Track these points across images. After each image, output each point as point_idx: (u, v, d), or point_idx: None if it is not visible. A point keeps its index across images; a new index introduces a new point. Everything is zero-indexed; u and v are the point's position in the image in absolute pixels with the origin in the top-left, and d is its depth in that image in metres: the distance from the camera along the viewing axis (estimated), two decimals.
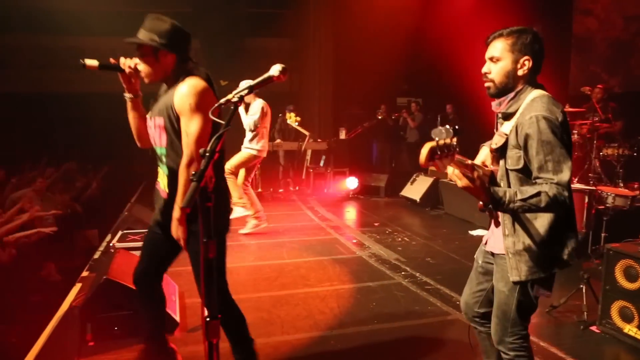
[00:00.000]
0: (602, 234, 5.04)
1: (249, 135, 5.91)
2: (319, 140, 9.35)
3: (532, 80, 2.06)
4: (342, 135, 9.69)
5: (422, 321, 3.70)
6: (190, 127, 2.25)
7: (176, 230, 2.33)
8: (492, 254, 2.23)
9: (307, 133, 8.84)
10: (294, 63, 12.28)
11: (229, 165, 5.79)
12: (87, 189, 9.16)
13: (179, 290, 3.96)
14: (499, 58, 2.04)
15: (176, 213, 2.31)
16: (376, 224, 6.92)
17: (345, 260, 5.17)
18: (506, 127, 2.09)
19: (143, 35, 2.31)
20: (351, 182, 9.02)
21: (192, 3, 11.22)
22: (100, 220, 7.75)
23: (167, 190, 2.43)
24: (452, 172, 1.89)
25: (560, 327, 3.65)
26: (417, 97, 11.65)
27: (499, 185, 2.11)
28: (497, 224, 2.15)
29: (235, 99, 1.62)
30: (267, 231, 6.22)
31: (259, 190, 8.01)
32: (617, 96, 7.15)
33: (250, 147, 5.90)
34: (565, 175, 1.90)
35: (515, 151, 2.00)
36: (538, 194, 1.88)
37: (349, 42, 10.52)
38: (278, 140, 8.97)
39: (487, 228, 2.27)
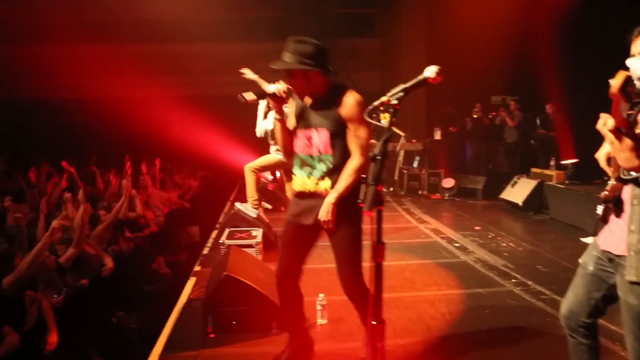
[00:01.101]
0: None
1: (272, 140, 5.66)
2: (413, 140, 9.19)
3: None
4: (437, 135, 9.46)
5: (542, 333, 3.49)
6: (360, 133, 2.59)
7: (326, 214, 2.56)
8: (610, 260, 2.03)
9: (402, 134, 8.72)
10: (385, 62, 12.22)
11: (253, 164, 5.65)
12: (189, 187, 9.69)
13: None
14: None
15: (332, 198, 2.55)
16: (477, 228, 6.67)
17: (449, 265, 5.02)
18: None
19: (290, 59, 2.50)
20: (447, 183, 8.77)
21: (282, 7, 11.51)
22: (199, 218, 8.18)
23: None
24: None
25: None
26: (513, 96, 11.12)
27: None
28: (617, 221, 1.96)
29: (394, 101, 1.60)
30: (367, 232, 6.19)
31: None
32: None
33: (278, 153, 5.61)
34: None
35: None
36: None
37: (442, 40, 10.24)
38: (371, 141, 8.93)
39: (595, 235, 2.06)
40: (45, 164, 8.59)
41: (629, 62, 1.65)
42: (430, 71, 1.75)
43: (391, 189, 9.12)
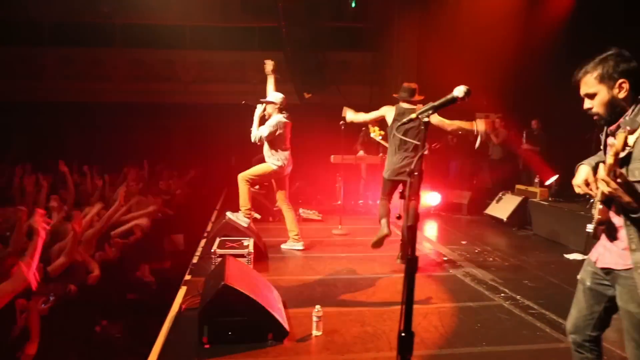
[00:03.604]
0: None
1: (266, 148, 5.77)
2: None
3: (638, 95, 2.05)
4: (425, 150, 9.54)
5: (534, 347, 3.54)
6: None
7: None
8: (607, 273, 2.15)
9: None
10: (376, 76, 12.33)
11: (247, 173, 5.74)
12: (173, 194, 9.58)
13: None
14: (594, 93, 2.07)
15: None
16: (464, 242, 6.76)
17: (440, 278, 5.07)
18: (630, 140, 2.02)
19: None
20: (433, 198, 8.87)
21: (275, 18, 11.57)
22: (183, 226, 8.09)
23: None
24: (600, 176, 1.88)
25: None
26: (496, 113, 11.33)
27: None
28: (613, 239, 2.09)
29: (424, 119, 1.63)
30: (356, 243, 6.23)
31: (339, 202, 7.94)
32: None
33: (269, 162, 5.79)
34: None
35: (637, 163, 1.94)
36: None
37: (432, 56, 10.42)
38: (361, 153, 9.00)
39: (583, 252, 2.16)
40: (27, 165, 8.46)
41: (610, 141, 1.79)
42: (460, 91, 1.80)
43: (378, 201, 9.16)
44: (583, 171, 2.24)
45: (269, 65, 5.94)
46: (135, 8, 11.18)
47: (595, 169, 2.25)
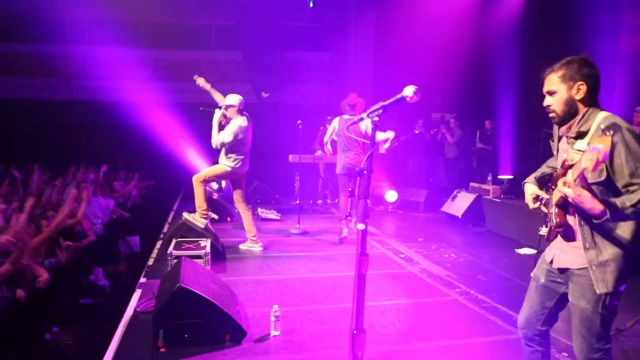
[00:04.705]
0: None
1: (225, 150, 5.71)
2: None
3: (594, 101, 2.17)
4: (381, 149, 9.67)
5: (487, 339, 3.66)
6: None
7: None
8: (562, 272, 2.26)
9: None
10: (333, 76, 12.40)
11: (201, 174, 5.73)
12: (128, 195, 9.33)
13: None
14: (555, 90, 2.19)
15: None
16: (420, 239, 6.89)
17: (397, 275, 5.16)
18: (580, 145, 2.14)
19: None
20: (391, 196, 9.01)
21: (235, 17, 11.44)
22: (139, 228, 7.90)
23: None
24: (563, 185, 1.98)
25: (630, 351, 3.56)
26: (451, 112, 11.63)
27: None
28: (568, 239, 2.20)
29: (375, 118, 1.65)
30: (314, 243, 6.25)
31: (297, 202, 7.94)
32: None
33: (223, 163, 5.75)
34: None
35: None
36: None
37: (389, 56, 10.58)
38: (318, 152, 9.03)
39: (534, 247, 2.28)
40: None
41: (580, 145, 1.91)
42: (409, 90, 1.83)
43: (336, 200, 9.23)
44: (529, 189, 2.38)
45: (199, 81, 5.92)
46: (89, 4, 10.84)
47: (540, 182, 2.39)
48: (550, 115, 2.24)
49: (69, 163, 9.18)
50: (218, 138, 5.60)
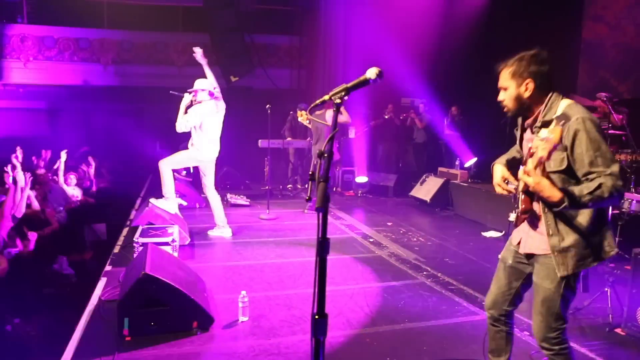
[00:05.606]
0: (616, 238, 5.11)
1: (193, 134, 5.62)
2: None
3: (548, 92, 2.20)
4: (352, 134, 9.71)
5: (452, 320, 3.74)
6: None
7: None
8: (528, 257, 2.32)
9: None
10: (303, 61, 12.30)
11: (169, 160, 5.62)
12: (93, 181, 9.11)
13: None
14: (506, 87, 2.25)
15: None
16: (389, 224, 6.96)
17: (366, 259, 5.20)
18: (544, 133, 2.16)
19: None
20: (362, 180, 9.05)
21: None
22: (106, 215, 7.73)
23: None
24: (524, 173, 2.02)
25: (586, 328, 3.70)
26: (420, 98, 11.70)
27: None
28: (534, 226, 2.25)
29: (337, 101, 1.63)
30: (284, 228, 6.24)
31: (267, 187, 7.87)
32: (626, 102, 7.24)
33: (192, 148, 5.66)
34: (616, 167, 2.02)
35: (558, 153, 2.09)
36: (599, 186, 1.99)
37: (358, 40, 10.53)
38: (288, 138, 8.98)
39: (499, 229, 2.33)
40: None
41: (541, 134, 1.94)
42: (372, 72, 1.81)
43: (306, 185, 9.23)
44: (498, 170, 2.41)
45: (198, 52, 5.69)
46: None
47: (510, 164, 2.43)
48: (504, 110, 2.30)
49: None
50: (182, 120, 5.49)
